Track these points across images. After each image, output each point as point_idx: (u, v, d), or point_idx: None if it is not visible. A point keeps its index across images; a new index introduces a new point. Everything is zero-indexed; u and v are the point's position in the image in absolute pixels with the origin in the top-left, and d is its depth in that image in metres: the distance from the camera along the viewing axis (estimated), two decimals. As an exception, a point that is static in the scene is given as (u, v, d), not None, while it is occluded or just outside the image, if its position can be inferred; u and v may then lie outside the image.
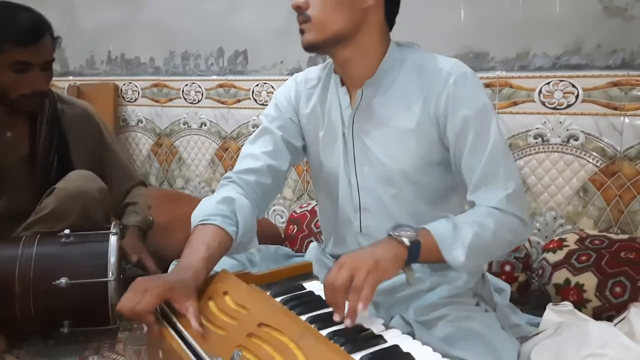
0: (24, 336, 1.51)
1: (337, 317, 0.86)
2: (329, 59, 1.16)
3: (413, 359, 0.75)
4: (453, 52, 1.91)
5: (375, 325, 0.85)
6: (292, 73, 2.10)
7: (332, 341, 0.79)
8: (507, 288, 1.30)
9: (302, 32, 1.07)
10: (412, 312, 1.06)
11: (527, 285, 1.70)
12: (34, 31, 1.51)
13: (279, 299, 0.94)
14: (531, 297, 1.71)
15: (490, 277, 1.26)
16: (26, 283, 1.41)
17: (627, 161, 1.70)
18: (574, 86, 1.75)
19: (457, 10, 1.91)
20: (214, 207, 1.07)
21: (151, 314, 0.90)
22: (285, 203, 2.35)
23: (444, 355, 0.77)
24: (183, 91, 2.58)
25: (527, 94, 1.83)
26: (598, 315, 1.45)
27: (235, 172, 1.18)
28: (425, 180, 1.11)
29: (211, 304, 0.93)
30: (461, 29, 1.92)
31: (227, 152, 2.49)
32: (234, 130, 2.45)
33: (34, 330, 1.50)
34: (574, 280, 1.51)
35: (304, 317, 0.87)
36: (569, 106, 1.77)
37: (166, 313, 0.93)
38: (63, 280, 1.40)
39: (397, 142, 1.10)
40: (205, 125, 2.53)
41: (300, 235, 1.96)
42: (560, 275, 1.54)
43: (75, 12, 2.84)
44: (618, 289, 1.45)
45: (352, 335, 0.81)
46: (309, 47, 1.07)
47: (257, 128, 1.24)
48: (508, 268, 1.66)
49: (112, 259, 1.45)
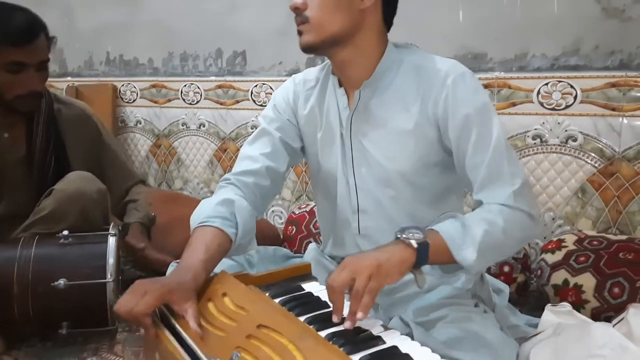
0: (23, 337, 1.50)
1: (335, 318, 0.86)
2: (327, 60, 1.17)
3: (412, 360, 0.75)
4: (451, 52, 1.91)
5: (374, 326, 0.85)
6: (291, 74, 2.09)
7: (331, 342, 0.79)
8: (506, 289, 1.30)
9: (300, 33, 1.07)
10: (411, 313, 1.06)
11: (525, 286, 1.70)
12: (28, 31, 1.50)
13: (277, 300, 0.94)
14: (530, 297, 1.71)
15: (489, 277, 1.26)
16: (25, 284, 1.40)
17: (625, 162, 1.70)
18: (572, 87, 1.76)
19: (455, 11, 1.91)
20: (214, 209, 1.07)
21: (148, 316, 0.90)
22: (284, 204, 2.35)
23: (443, 357, 0.77)
24: (182, 92, 2.58)
25: (526, 95, 1.83)
26: (597, 316, 1.45)
27: (233, 173, 1.18)
28: (424, 182, 1.11)
29: (210, 305, 0.93)
30: (460, 29, 1.92)
31: (225, 152, 2.49)
32: (232, 131, 2.45)
33: (33, 331, 1.49)
34: (572, 281, 1.52)
35: (302, 318, 0.87)
36: (567, 107, 1.77)
37: (165, 315, 0.93)
38: (61, 282, 1.40)
39: (395, 143, 1.09)
40: (204, 126, 2.53)
41: (299, 236, 1.96)
42: (559, 276, 1.54)
43: (73, 13, 2.84)
44: (616, 290, 1.45)
45: (351, 336, 0.81)
46: (307, 49, 1.07)
47: (256, 129, 1.24)
48: (507, 269, 1.66)
49: (111, 260, 1.45)
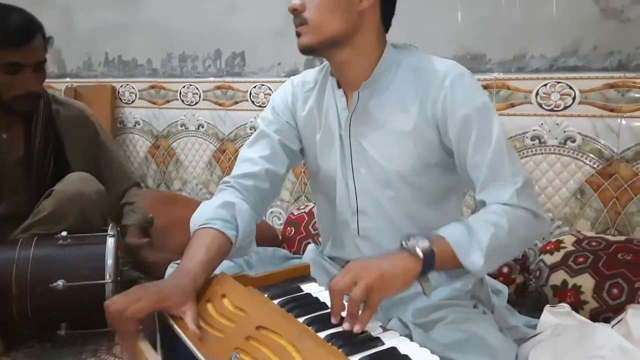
0: (21, 339, 1.50)
1: (333, 319, 0.85)
2: (326, 62, 1.17)
3: (410, 361, 0.75)
4: (450, 53, 1.91)
5: (373, 328, 0.85)
6: (290, 75, 2.10)
7: (330, 343, 0.79)
8: (505, 290, 1.30)
9: (298, 35, 1.07)
10: (410, 314, 1.06)
11: (524, 287, 1.70)
12: (25, 32, 1.50)
13: (276, 301, 0.94)
14: (528, 298, 1.71)
15: (487, 279, 1.26)
16: (23, 285, 1.40)
17: (624, 163, 1.70)
18: (571, 88, 1.76)
19: (454, 12, 1.92)
20: (214, 211, 1.07)
21: (135, 323, 0.88)
22: (283, 205, 2.35)
23: (442, 358, 0.77)
24: (180, 93, 2.58)
25: (524, 96, 1.83)
26: (595, 316, 1.45)
27: (233, 176, 1.18)
28: (423, 182, 1.11)
29: (209, 306, 0.92)
30: (458, 30, 1.92)
31: (224, 154, 2.49)
32: (231, 132, 2.45)
33: (31, 332, 1.49)
34: (571, 281, 1.52)
35: (301, 319, 0.87)
36: (566, 108, 1.77)
37: (163, 316, 0.93)
38: (60, 283, 1.40)
39: (394, 144, 1.09)
40: (203, 127, 2.53)
41: (298, 237, 1.96)
42: (558, 277, 1.54)
43: (72, 14, 2.84)
44: (615, 291, 1.45)
45: (349, 337, 0.81)
46: (306, 50, 1.07)
47: (255, 130, 1.24)
48: (506, 270, 1.66)
49: (109, 261, 1.45)
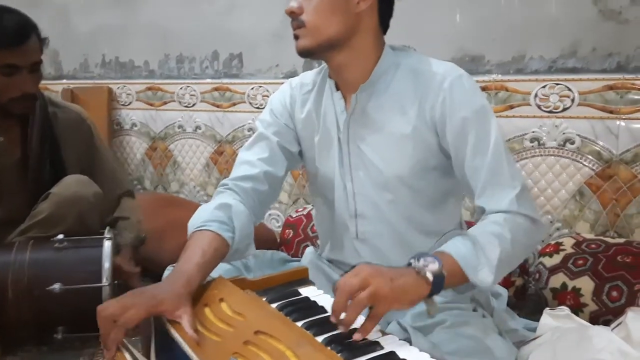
0: (18, 342, 1.49)
1: (332, 318, 0.83)
2: (324, 63, 1.16)
3: (410, 366, 0.75)
4: (449, 55, 1.91)
5: (372, 332, 0.84)
6: (288, 76, 2.10)
7: (329, 348, 0.78)
8: (504, 293, 1.29)
9: (296, 37, 1.06)
10: (409, 318, 1.05)
11: (524, 289, 1.69)
12: (19, 33, 1.49)
13: (274, 305, 0.93)
14: (528, 301, 1.70)
15: (487, 281, 1.25)
16: (20, 289, 1.39)
17: (623, 165, 1.70)
18: (569, 89, 1.75)
19: (453, 14, 1.91)
20: (211, 213, 1.06)
21: (124, 331, 0.88)
22: (281, 207, 2.34)
23: (442, 362, 0.76)
24: (178, 94, 2.57)
25: (523, 98, 1.83)
26: (595, 319, 1.45)
27: (231, 179, 1.17)
28: (422, 185, 1.10)
29: (207, 310, 0.92)
30: (457, 32, 1.92)
31: (222, 155, 2.48)
32: (229, 134, 2.45)
33: (28, 336, 1.48)
34: (570, 284, 1.51)
35: (300, 323, 0.86)
36: (564, 109, 1.77)
37: (161, 320, 0.92)
38: (57, 286, 1.39)
39: (392, 147, 1.09)
40: (200, 128, 2.53)
41: (297, 240, 1.95)
42: (557, 280, 1.54)
43: (69, 16, 2.83)
44: (615, 293, 1.45)
45: (348, 341, 0.81)
46: (304, 53, 1.07)
47: (253, 132, 1.23)
48: (505, 272, 1.65)
49: (106, 264, 1.44)
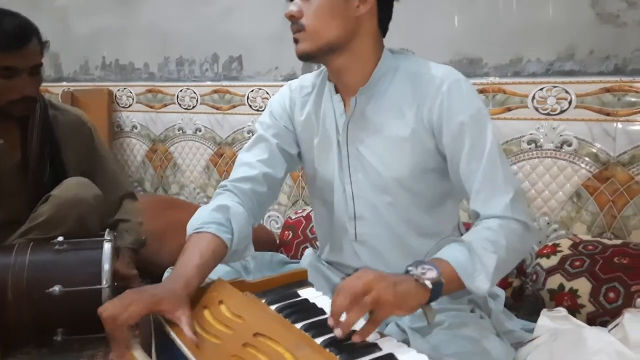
0: (17, 344, 1.49)
1: (330, 321, 0.82)
2: (323, 66, 1.17)
3: (408, 367, 0.75)
4: (447, 58, 1.92)
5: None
6: (287, 79, 2.10)
7: (328, 350, 0.79)
8: (502, 294, 1.30)
9: (296, 41, 1.07)
10: (408, 319, 1.06)
11: (521, 290, 1.70)
12: (20, 36, 1.49)
13: (274, 307, 0.94)
14: (525, 302, 1.71)
15: (485, 283, 1.26)
16: (19, 291, 1.39)
17: (620, 167, 1.70)
18: (567, 92, 1.76)
19: (450, 17, 1.92)
20: (209, 215, 1.07)
21: (128, 329, 0.88)
22: (280, 209, 2.34)
23: (440, 363, 0.77)
24: (178, 97, 2.58)
25: (521, 100, 1.83)
26: (592, 320, 1.45)
27: (230, 180, 1.18)
28: (421, 187, 1.11)
29: (206, 312, 0.92)
30: (455, 35, 1.93)
31: (222, 157, 2.48)
32: (229, 136, 2.45)
33: (28, 338, 1.48)
34: (568, 285, 1.52)
35: (299, 325, 0.86)
36: (562, 112, 1.78)
37: (159, 322, 0.93)
38: (56, 288, 1.39)
39: (391, 150, 1.10)
40: (200, 131, 2.53)
41: (296, 241, 1.96)
42: (554, 281, 1.55)
43: (69, 18, 2.84)
44: (612, 295, 1.45)
45: (347, 343, 0.81)
46: (303, 57, 1.08)
47: (252, 134, 1.24)
48: (502, 273, 1.66)
49: (106, 266, 1.44)
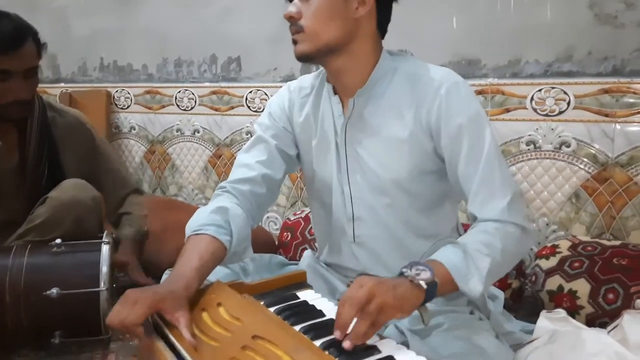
0: (15, 347, 1.48)
1: (337, 333, 0.80)
2: (322, 67, 1.17)
3: (407, 370, 0.75)
4: (445, 59, 1.92)
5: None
6: (286, 80, 2.10)
7: (327, 352, 0.78)
8: (501, 295, 1.30)
9: (294, 42, 1.07)
10: (407, 321, 1.05)
11: (520, 291, 1.70)
12: (14, 38, 1.47)
13: (272, 309, 0.93)
14: (525, 303, 1.71)
15: (484, 284, 1.26)
16: (17, 293, 1.39)
17: (618, 167, 1.70)
18: (565, 93, 1.76)
19: (449, 18, 1.92)
20: (208, 217, 1.07)
21: (140, 326, 0.89)
22: (279, 210, 2.34)
23: (439, 366, 0.76)
24: (176, 98, 2.57)
25: (519, 101, 1.83)
26: (591, 322, 1.45)
27: (229, 181, 1.17)
28: (419, 189, 1.11)
29: (205, 315, 0.92)
30: (453, 36, 1.92)
31: (220, 159, 2.48)
32: (227, 137, 2.45)
33: (25, 341, 1.47)
34: (567, 286, 1.52)
35: (297, 327, 0.86)
36: (560, 113, 1.78)
37: (158, 324, 0.92)
38: (54, 291, 1.38)
39: (389, 152, 1.10)
40: (199, 132, 2.53)
41: (294, 243, 1.95)
42: (554, 282, 1.54)
43: (67, 19, 2.83)
44: (611, 296, 1.45)
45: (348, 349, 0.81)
46: (302, 58, 1.08)
47: (251, 135, 1.24)
48: (502, 275, 1.66)
49: (104, 268, 1.44)
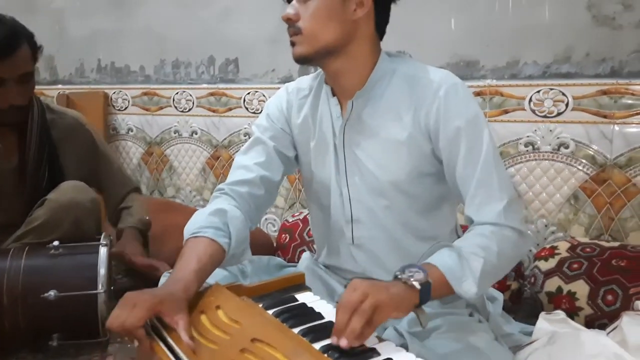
0: (13, 350, 1.48)
1: (334, 339, 0.80)
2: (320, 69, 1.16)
3: (407, 372, 0.75)
4: (444, 60, 1.92)
5: (368, 338, 0.84)
6: (284, 81, 2.10)
7: (326, 355, 0.78)
8: (500, 297, 1.30)
9: (293, 44, 1.07)
10: (406, 324, 1.05)
11: (519, 293, 1.70)
12: (6, 45, 1.46)
13: (271, 312, 0.93)
14: (524, 305, 1.71)
15: (483, 286, 1.25)
16: (14, 296, 1.39)
17: (617, 169, 1.71)
18: (564, 94, 1.76)
19: (447, 19, 1.92)
20: (206, 219, 1.06)
21: (141, 328, 0.88)
22: (277, 212, 2.34)
23: (438, 368, 0.76)
24: (174, 99, 2.57)
25: (518, 102, 1.84)
26: (590, 323, 1.45)
27: (227, 183, 1.17)
28: (417, 191, 1.11)
29: (203, 318, 0.91)
30: (452, 37, 1.93)
31: (218, 160, 2.48)
32: (225, 139, 2.45)
33: (23, 344, 1.47)
34: (566, 288, 1.52)
35: (296, 330, 0.86)
36: (559, 114, 1.78)
37: (157, 327, 0.92)
38: (52, 293, 1.38)
39: (388, 153, 1.09)
40: (196, 133, 2.52)
41: (293, 244, 1.95)
42: (553, 283, 1.54)
43: (64, 21, 2.83)
44: (610, 297, 1.45)
45: (345, 349, 0.80)
46: (300, 60, 1.07)
47: (249, 137, 1.23)
48: (500, 276, 1.66)
49: (102, 270, 1.44)
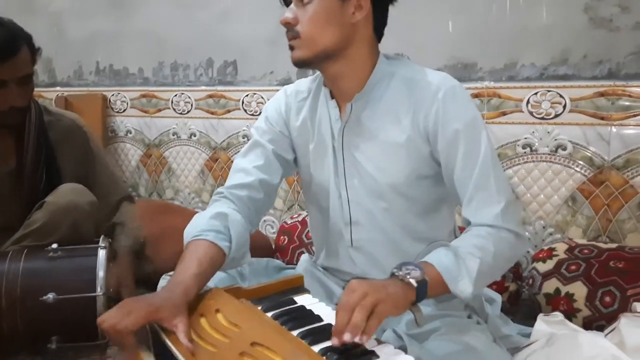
0: (11, 353, 1.48)
1: (334, 340, 0.80)
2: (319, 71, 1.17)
3: (406, 375, 0.75)
4: (442, 62, 1.93)
5: (367, 340, 0.85)
6: (282, 83, 2.10)
7: (325, 357, 0.78)
8: (498, 298, 1.30)
9: (291, 48, 1.07)
10: (404, 326, 1.05)
11: (517, 295, 1.70)
12: (6, 47, 1.46)
13: (270, 314, 0.93)
14: (522, 306, 1.71)
15: (481, 287, 1.26)
16: (13, 298, 1.38)
17: (614, 170, 1.71)
18: (561, 96, 1.77)
19: (445, 22, 1.93)
20: (207, 222, 1.07)
21: (131, 335, 0.88)
22: (276, 213, 2.34)
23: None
24: (172, 102, 2.57)
25: (515, 104, 1.84)
26: (588, 325, 1.46)
27: (226, 187, 1.17)
28: (416, 193, 1.11)
29: (203, 321, 0.92)
30: (450, 40, 1.93)
31: (217, 162, 2.48)
32: (223, 141, 2.45)
33: (22, 346, 1.47)
34: (564, 289, 1.52)
35: (295, 332, 0.86)
36: (556, 116, 1.78)
37: (155, 331, 0.92)
38: (50, 296, 1.38)
39: (386, 156, 1.10)
40: (195, 135, 2.53)
41: (291, 246, 1.95)
42: (551, 285, 1.55)
43: (63, 23, 2.83)
44: (608, 299, 1.46)
45: (344, 351, 0.81)
46: (299, 63, 1.08)
47: (247, 139, 1.24)
48: (499, 278, 1.65)
49: (101, 273, 1.43)
